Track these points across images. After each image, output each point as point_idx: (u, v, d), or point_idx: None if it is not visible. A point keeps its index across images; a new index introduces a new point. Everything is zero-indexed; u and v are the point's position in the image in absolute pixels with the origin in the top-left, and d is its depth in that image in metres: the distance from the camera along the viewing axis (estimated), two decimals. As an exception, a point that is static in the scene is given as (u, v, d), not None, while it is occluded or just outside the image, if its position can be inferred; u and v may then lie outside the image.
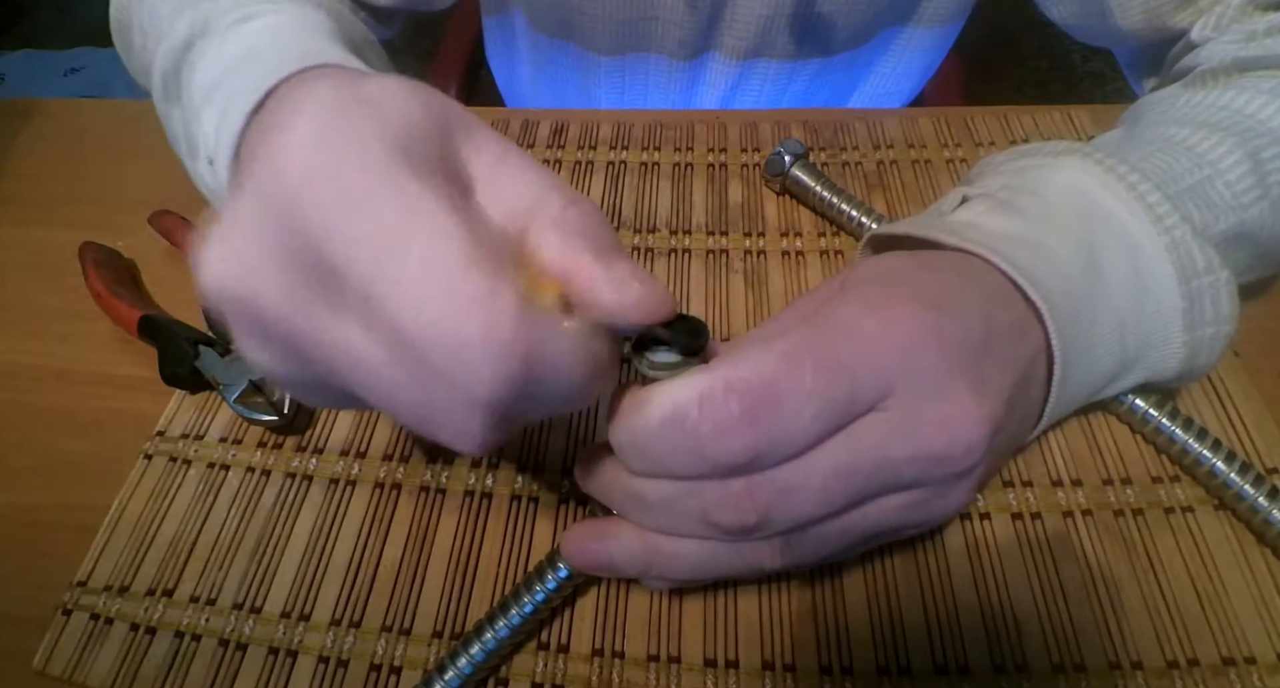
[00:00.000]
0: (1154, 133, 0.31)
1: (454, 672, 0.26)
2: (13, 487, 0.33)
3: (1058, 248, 0.26)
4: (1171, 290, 0.26)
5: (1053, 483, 0.30)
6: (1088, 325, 0.25)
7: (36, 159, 0.47)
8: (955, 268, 0.25)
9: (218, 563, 0.30)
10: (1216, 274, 0.26)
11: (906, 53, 0.54)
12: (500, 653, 0.26)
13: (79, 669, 0.28)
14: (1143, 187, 0.26)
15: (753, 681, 0.26)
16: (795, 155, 0.39)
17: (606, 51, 0.53)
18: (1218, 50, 0.34)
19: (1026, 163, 0.30)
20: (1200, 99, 0.32)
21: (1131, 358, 0.27)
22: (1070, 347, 0.24)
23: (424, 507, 0.31)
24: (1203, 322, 0.26)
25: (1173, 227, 0.26)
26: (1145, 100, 0.36)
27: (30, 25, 1.81)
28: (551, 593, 0.26)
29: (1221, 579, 0.27)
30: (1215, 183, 0.28)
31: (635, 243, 0.40)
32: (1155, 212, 0.26)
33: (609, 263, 0.19)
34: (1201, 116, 0.31)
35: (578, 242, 0.19)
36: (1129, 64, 0.45)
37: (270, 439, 0.33)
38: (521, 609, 0.26)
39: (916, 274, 0.24)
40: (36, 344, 0.38)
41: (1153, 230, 0.26)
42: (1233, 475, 0.28)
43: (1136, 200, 0.26)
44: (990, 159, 0.32)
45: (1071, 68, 1.45)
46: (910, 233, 0.27)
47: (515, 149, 0.20)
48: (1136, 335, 0.26)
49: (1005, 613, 0.27)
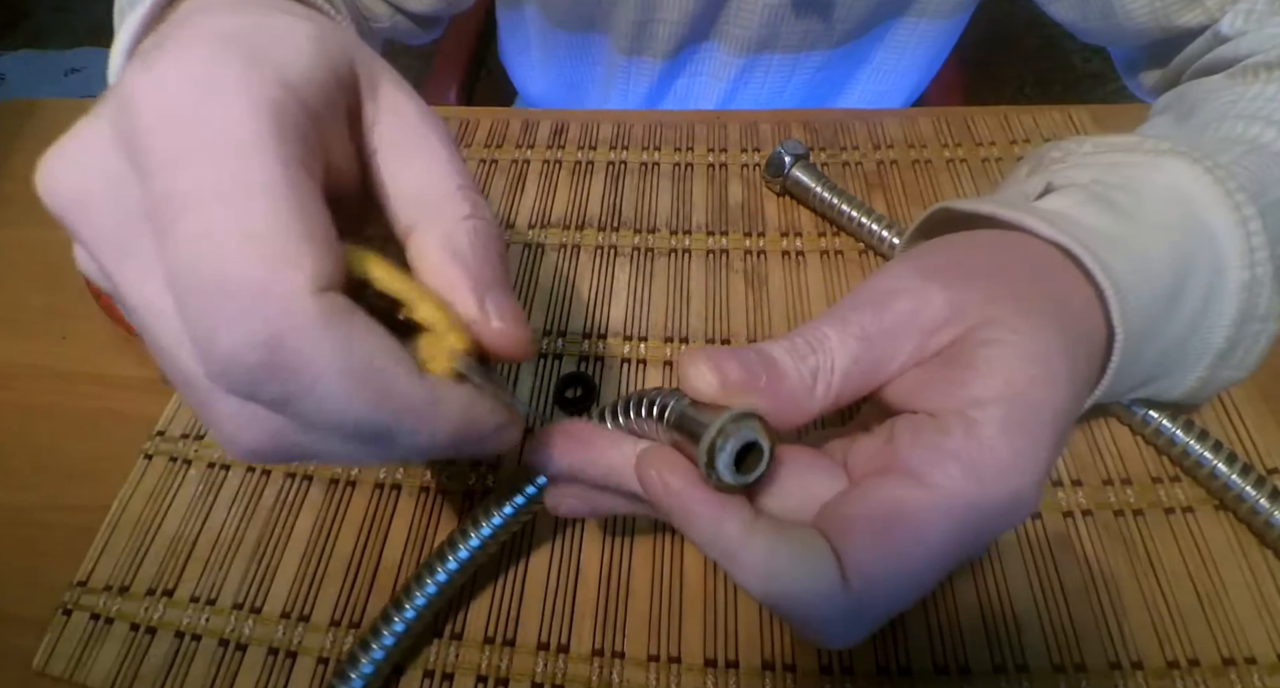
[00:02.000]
0: (1231, 129, 0.29)
1: (432, 583, 0.25)
2: (13, 487, 0.33)
3: (1156, 262, 0.23)
4: (1221, 330, 0.24)
5: (1053, 483, 0.30)
6: (1142, 351, 0.23)
7: (36, 159, 0.47)
8: (1078, 323, 0.21)
9: (218, 563, 0.30)
10: (1268, 324, 0.24)
11: (909, 47, 0.54)
12: (464, 572, 0.25)
13: (79, 669, 0.28)
14: (1241, 200, 0.24)
15: (753, 681, 0.26)
16: (795, 156, 0.39)
17: (620, 46, 0.54)
18: (1266, 42, 0.33)
19: (1119, 158, 0.26)
20: (1275, 92, 0.30)
21: (1149, 380, 0.25)
22: (1119, 373, 0.22)
23: (424, 507, 0.31)
24: (1228, 365, 0.25)
25: (1259, 263, 0.24)
26: (1191, 90, 0.34)
27: (30, 25, 1.81)
28: (520, 508, 0.24)
29: (1221, 579, 0.27)
30: None
31: (635, 243, 0.40)
32: (1251, 242, 0.23)
33: (483, 296, 0.17)
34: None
35: (457, 269, 0.17)
36: (1126, 60, 0.45)
37: (270, 439, 0.33)
38: (490, 520, 0.24)
39: (1058, 397, 0.19)
40: (36, 344, 0.38)
41: (1240, 263, 0.23)
42: (1234, 477, 0.28)
43: (1239, 225, 0.23)
44: (1065, 146, 0.28)
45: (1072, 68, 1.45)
46: (996, 214, 0.23)
47: (437, 128, 0.19)
48: (1168, 362, 0.25)
49: (1005, 613, 0.27)
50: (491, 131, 0.46)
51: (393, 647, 0.25)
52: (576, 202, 0.42)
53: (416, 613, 0.25)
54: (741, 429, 0.18)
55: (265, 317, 0.14)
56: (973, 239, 0.23)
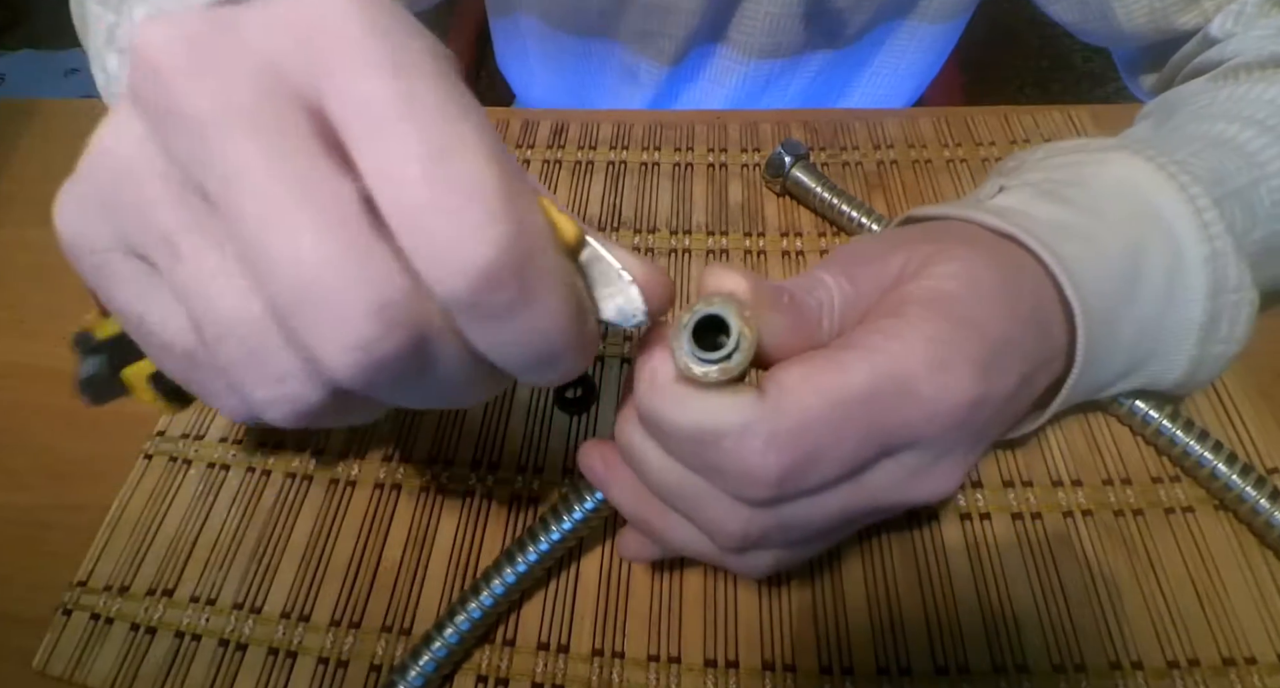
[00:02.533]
0: (1197, 128, 0.30)
1: (487, 592, 0.26)
2: (13, 487, 0.33)
3: (1106, 243, 0.24)
4: (1197, 304, 0.25)
5: (1053, 483, 0.30)
6: (1111, 332, 0.24)
7: (36, 159, 0.47)
8: (1020, 277, 0.23)
9: (218, 563, 0.30)
10: (1243, 293, 0.25)
11: (909, 50, 0.54)
12: (523, 585, 0.26)
13: (79, 669, 0.28)
14: (1194, 189, 0.25)
15: (753, 681, 0.26)
16: (795, 156, 0.39)
17: (621, 49, 0.53)
18: (1250, 44, 0.33)
19: (1067, 159, 0.28)
20: (1244, 92, 0.31)
21: (1137, 364, 0.26)
22: (1091, 351, 0.24)
23: (424, 507, 0.31)
24: (1215, 339, 0.25)
25: (1216, 236, 0.25)
26: (1174, 94, 0.34)
27: (30, 25, 1.81)
28: (578, 523, 0.25)
29: (1221, 579, 0.27)
30: (1260, 188, 0.27)
31: (635, 243, 0.40)
32: (1203, 218, 0.25)
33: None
34: (1247, 112, 0.29)
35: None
36: (1127, 61, 0.45)
37: (270, 439, 0.33)
38: (549, 536, 0.25)
39: (987, 314, 0.21)
40: (36, 344, 0.38)
41: (1196, 238, 0.25)
42: (1234, 478, 0.28)
43: (1186, 203, 0.25)
44: (1020, 155, 0.30)
45: (1072, 68, 1.45)
46: (949, 215, 0.25)
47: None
48: (1149, 342, 0.26)
49: (1005, 613, 0.27)
50: (491, 132, 0.46)
51: (445, 659, 0.26)
52: (576, 201, 0.42)
53: (466, 629, 0.26)
54: (710, 306, 0.17)
55: (392, 305, 0.13)
56: (932, 225, 0.25)
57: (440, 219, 0.13)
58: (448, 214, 0.13)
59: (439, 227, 0.13)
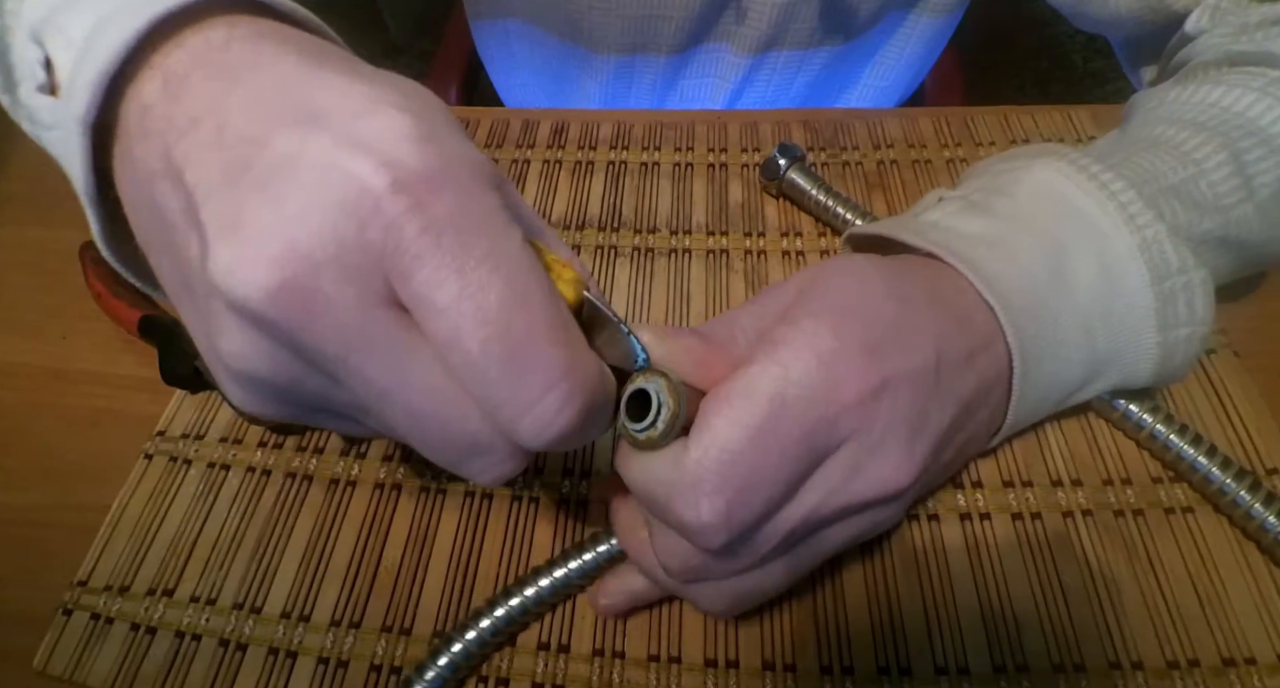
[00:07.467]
0: (1143, 132, 0.31)
1: (504, 610, 0.27)
2: (13, 487, 0.33)
3: (1021, 245, 0.26)
4: (1144, 290, 0.26)
5: (1053, 483, 0.30)
6: (1051, 324, 0.25)
7: (36, 159, 0.47)
8: (918, 275, 0.25)
9: (218, 563, 0.30)
10: (1191, 274, 0.26)
11: (910, 40, 0.54)
12: (539, 607, 0.27)
13: (79, 669, 0.28)
14: (1115, 185, 0.26)
15: (753, 681, 0.26)
16: (791, 159, 0.39)
17: (615, 49, 0.53)
18: (1210, 43, 0.34)
19: (1004, 166, 0.30)
20: (1189, 95, 0.32)
21: (1103, 359, 0.27)
22: (1030, 345, 0.25)
23: (424, 507, 0.31)
24: (1176, 322, 0.26)
25: (1145, 225, 0.26)
26: (1138, 97, 0.35)
27: (30, 25, 1.81)
28: (602, 561, 0.27)
29: (1221, 579, 0.27)
30: (1199, 183, 0.28)
31: (635, 243, 0.40)
32: (1128, 210, 0.26)
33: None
34: (1189, 115, 0.31)
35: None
36: (1125, 52, 0.44)
37: (270, 439, 0.33)
38: (568, 568, 0.27)
39: (872, 301, 0.23)
40: (36, 344, 0.38)
41: (1125, 229, 0.26)
42: (1228, 481, 0.28)
43: (1109, 199, 0.26)
44: (979, 164, 0.32)
45: (1072, 68, 1.45)
46: (880, 233, 0.28)
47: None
48: (1107, 336, 0.26)
49: (1005, 613, 0.27)
50: (492, 131, 0.46)
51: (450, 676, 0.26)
52: (576, 201, 0.42)
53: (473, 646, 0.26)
54: (645, 381, 0.19)
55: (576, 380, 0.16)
56: (847, 277, 0.26)
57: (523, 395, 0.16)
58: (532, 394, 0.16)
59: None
